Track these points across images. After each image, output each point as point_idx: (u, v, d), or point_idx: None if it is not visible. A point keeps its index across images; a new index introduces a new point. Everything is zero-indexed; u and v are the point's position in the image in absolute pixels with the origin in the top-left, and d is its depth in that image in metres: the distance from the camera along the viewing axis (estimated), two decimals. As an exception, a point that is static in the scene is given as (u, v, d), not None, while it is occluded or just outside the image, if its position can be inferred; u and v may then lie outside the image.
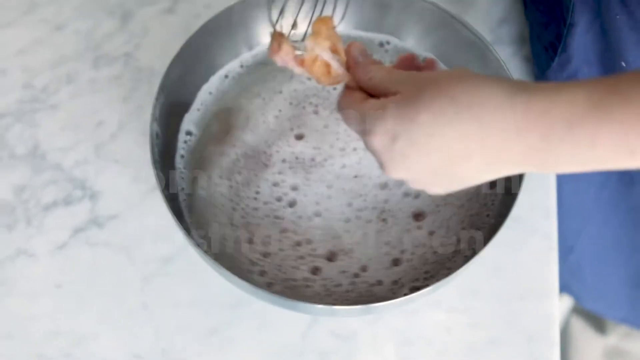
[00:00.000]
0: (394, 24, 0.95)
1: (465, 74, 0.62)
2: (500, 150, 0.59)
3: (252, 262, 0.84)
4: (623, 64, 0.83)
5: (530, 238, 0.90)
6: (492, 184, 0.87)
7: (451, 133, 0.60)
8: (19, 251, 0.89)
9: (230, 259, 0.84)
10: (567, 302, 1.55)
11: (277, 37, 0.71)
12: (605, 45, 0.84)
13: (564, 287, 1.26)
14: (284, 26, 0.71)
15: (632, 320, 1.25)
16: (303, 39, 0.73)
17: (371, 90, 0.67)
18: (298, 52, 0.71)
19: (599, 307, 1.32)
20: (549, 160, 0.59)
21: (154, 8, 1.06)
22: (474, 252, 0.80)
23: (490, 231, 0.82)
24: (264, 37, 0.94)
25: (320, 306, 0.76)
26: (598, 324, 1.56)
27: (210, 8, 1.06)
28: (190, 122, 0.91)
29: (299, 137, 0.91)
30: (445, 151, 0.61)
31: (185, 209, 0.86)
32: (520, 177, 0.81)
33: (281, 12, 0.71)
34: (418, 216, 0.86)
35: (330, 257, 0.85)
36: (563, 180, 0.98)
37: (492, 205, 0.86)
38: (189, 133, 0.91)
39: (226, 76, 0.94)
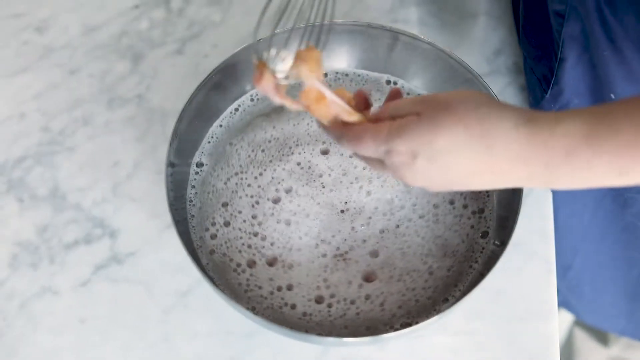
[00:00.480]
0: (393, 63, 0.99)
1: (478, 101, 0.68)
2: (507, 173, 0.67)
3: (212, 222, 0.92)
4: (612, 96, 0.87)
5: (529, 261, 0.94)
6: (484, 234, 0.91)
7: (465, 155, 0.67)
8: (44, 289, 0.93)
9: (201, 208, 0.93)
10: (570, 315, 1.58)
11: (259, 66, 0.73)
12: (594, 79, 0.88)
13: (563, 303, 1.30)
14: (275, 60, 0.74)
15: (630, 332, 1.29)
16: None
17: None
18: (284, 83, 0.74)
19: (597, 321, 1.35)
20: (551, 181, 0.66)
21: (164, 50, 1.11)
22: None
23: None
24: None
25: (329, 338, 0.80)
26: (600, 335, 1.59)
27: (218, 47, 1.10)
28: (201, 154, 0.96)
29: (324, 152, 0.96)
30: (459, 169, 0.68)
31: (197, 240, 0.91)
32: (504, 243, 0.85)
33: (269, 44, 0.75)
34: (368, 277, 0.89)
35: (271, 262, 0.90)
36: (560, 203, 1.02)
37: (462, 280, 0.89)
38: (200, 165, 0.95)
39: (236, 109, 0.99)
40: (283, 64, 0.73)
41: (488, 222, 0.91)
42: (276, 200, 0.93)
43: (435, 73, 0.97)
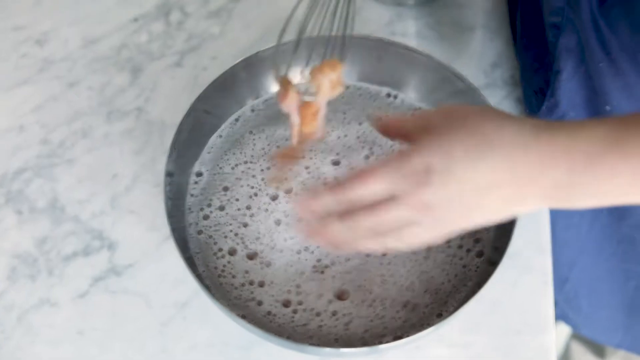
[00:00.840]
0: (392, 76, 0.99)
1: (491, 112, 0.67)
2: (528, 184, 0.64)
3: (209, 204, 0.94)
4: (608, 108, 0.87)
5: (526, 273, 0.94)
6: (479, 254, 0.90)
7: (482, 165, 0.64)
8: (42, 300, 0.93)
9: (203, 190, 0.94)
10: (567, 327, 1.58)
11: (285, 84, 0.73)
12: (590, 91, 0.89)
13: (561, 316, 1.30)
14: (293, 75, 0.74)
15: (628, 345, 1.29)
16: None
17: (404, 136, 0.71)
18: (308, 99, 0.74)
19: (595, 334, 1.35)
20: (573, 193, 0.64)
21: (163, 62, 1.11)
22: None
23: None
24: (272, 87, 1.00)
25: (327, 349, 0.80)
26: (597, 348, 1.59)
27: (216, 60, 1.11)
28: (201, 164, 0.96)
29: (335, 163, 0.96)
30: (477, 181, 0.65)
31: (195, 254, 0.91)
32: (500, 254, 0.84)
33: (290, 59, 0.75)
34: (340, 295, 0.88)
35: (251, 256, 0.90)
36: (556, 216, 1.02)
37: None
38: (199, 174, 0.95)
39: (236, 120, 0.99)
40: (306, 82, 0.73)
41: (485, 242, 0.91)
42: (274, 197, 0.93)
43: (434, 86, 0.97)
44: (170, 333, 0.91)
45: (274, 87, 0.99)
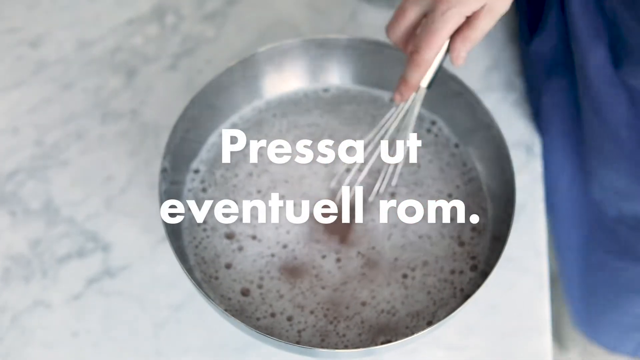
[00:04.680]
0: (386, 78, 0.99)
1: None
2: None
3: (203, 190, 0.93)
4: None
5: (522, 277, 0.95)
6: (473, 268, 0.89)
7: None
8: (36, 302, 0.93)
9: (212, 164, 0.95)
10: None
11: None
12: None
13: (577, 324, 1.28)
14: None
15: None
16: None
17: None
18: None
19: (607, 343, 1.32)
20: None
21: (157, 65, 1.11)
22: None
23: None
24: (267, 90, 1.00)
25: (323, 350, 0.80)
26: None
27: (211, 63, 1.11)
28: (200, 162, 0.96)
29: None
30: None
31: (190, 253, 0.91)
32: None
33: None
34: (302, 304, 0.87)
35: (229, 235, 0.90)
36: (555, 221, 1.02)
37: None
38: (196, 171, 0.95)
39: (238, 120, 0.99)
40: None
41: (480, 257, 0.90)
42: (274, 181, 0.93)
43: (432, 89, 0.97)
44: (164, 336, 0.91)
45: (273, 89, 0.99)
